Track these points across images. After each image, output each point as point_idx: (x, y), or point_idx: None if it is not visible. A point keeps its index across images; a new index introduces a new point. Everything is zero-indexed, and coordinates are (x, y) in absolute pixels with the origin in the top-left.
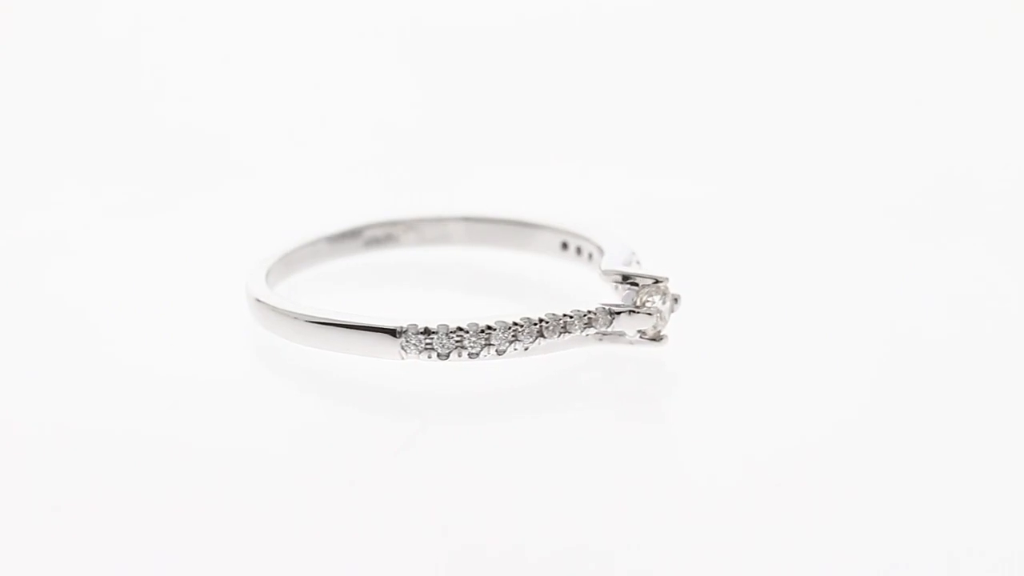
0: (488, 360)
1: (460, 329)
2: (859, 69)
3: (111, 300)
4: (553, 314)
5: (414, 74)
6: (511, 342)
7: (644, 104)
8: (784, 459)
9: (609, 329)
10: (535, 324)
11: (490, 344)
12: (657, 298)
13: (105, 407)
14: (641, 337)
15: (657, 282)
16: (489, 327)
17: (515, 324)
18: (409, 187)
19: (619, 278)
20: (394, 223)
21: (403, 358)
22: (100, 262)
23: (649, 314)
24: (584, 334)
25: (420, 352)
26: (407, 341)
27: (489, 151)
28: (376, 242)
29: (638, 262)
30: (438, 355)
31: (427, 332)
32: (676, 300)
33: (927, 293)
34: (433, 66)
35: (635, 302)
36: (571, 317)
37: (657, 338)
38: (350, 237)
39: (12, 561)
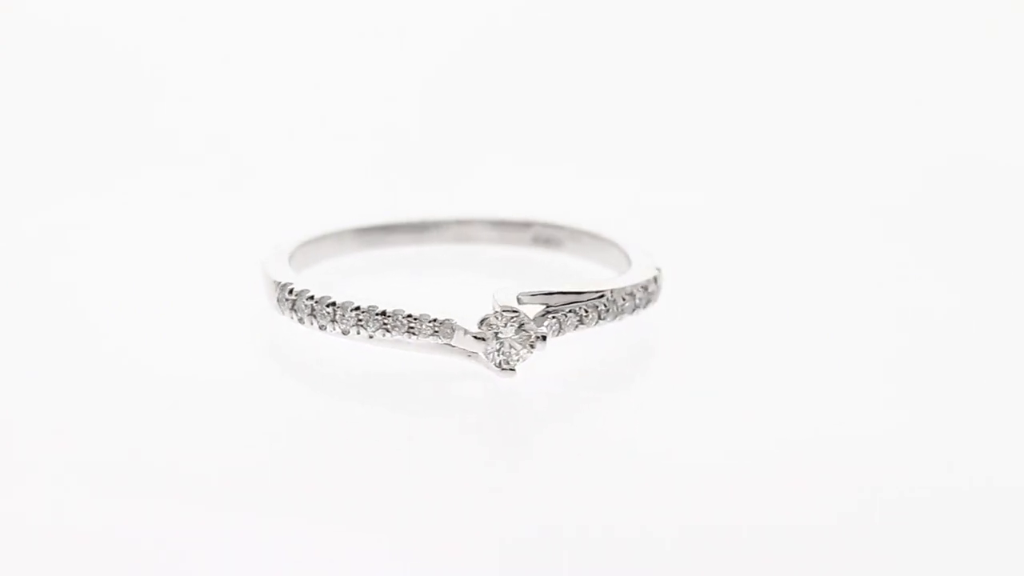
0: (336, 337)
1: (312, 298)
2: (856, 75)
3: (111, 300)
4: (401, 310)
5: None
6: (354, 325)
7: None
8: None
9: (453, 343)
10: (379, 315)
11: (335, 321)
12: (506, 328)
13: (107, 405)
14: (491, 362)
15: (508, 312)
16: (334, 303)
17: (358, 308)
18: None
19: (510, 309)
20: (560, 227)
21: (281, 312)
22: (100, 262)
23: (481, 338)
24: (439, 342)
25: (287, 311)
26: (281, 296)
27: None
28: (544, 242)
29: (659, 271)
30: (298, 319)
31: (291, 292)
32: (542, 339)
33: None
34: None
35: (479, 323)
36: (416, 319)
37: (503, 367)
38: (519, 229)
39: (12, 562)
